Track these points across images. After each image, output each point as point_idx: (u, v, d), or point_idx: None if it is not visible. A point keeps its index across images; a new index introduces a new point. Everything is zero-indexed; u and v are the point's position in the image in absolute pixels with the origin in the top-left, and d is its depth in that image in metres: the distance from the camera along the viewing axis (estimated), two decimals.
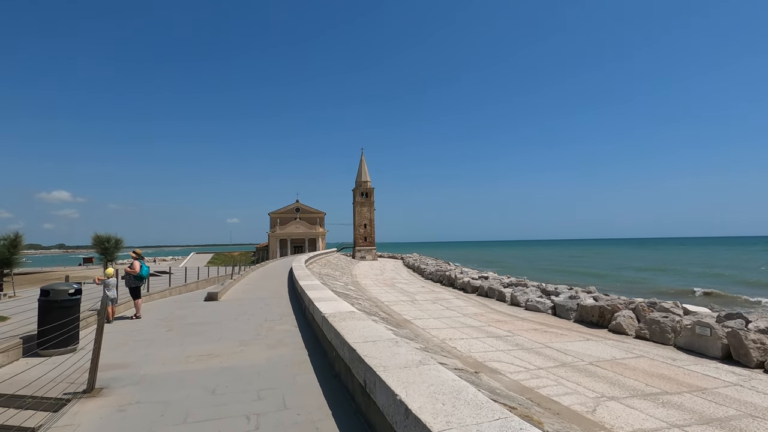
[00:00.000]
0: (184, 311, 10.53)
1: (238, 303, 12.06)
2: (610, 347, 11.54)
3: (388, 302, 20.79)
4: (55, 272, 64.44)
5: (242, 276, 20.73)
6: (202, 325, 8.57)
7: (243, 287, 16.82)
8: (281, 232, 73.46)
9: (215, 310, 10.78)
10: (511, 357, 10.60)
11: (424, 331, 13.85)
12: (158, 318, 9.56)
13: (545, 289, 20.33)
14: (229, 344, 6.60)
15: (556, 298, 17.78)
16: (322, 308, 6.13)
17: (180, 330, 8.07)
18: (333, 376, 4.69)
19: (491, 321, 15.62)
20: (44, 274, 60.37)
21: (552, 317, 16.34)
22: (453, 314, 17.24)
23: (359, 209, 72.02)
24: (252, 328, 8.12)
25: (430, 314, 17.20)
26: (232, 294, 14.39)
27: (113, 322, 8.85)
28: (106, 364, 5.06)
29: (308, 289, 9.15)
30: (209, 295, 12.34)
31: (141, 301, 9.65)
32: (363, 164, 73.39)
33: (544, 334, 13.38)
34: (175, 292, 14.57)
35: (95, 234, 30.51)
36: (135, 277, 9.46)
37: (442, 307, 19.31)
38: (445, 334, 13.23)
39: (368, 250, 70.49)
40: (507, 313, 17.40)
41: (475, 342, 12.17)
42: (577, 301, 16.21)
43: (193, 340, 7.09)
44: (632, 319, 13.44)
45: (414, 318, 16.29)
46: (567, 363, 10.05)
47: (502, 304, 20.02)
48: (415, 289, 27.54)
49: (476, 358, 10.55)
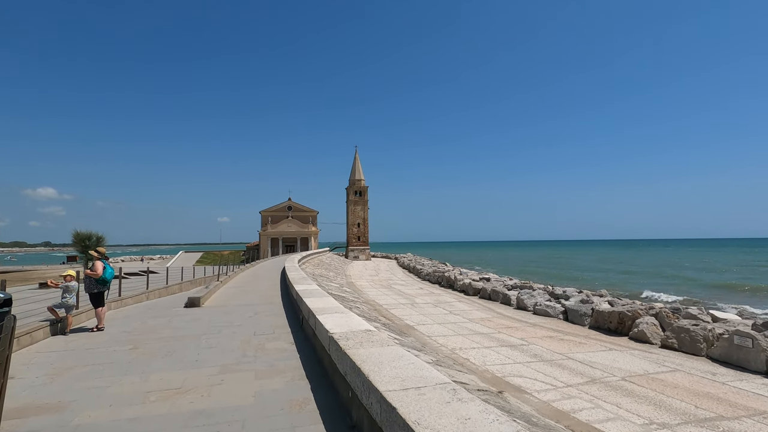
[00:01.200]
0: (158, 321, 9.02)
1: (224, 310, 10.60)
2: (638, 359, 10.43)
3: (387, 305, 19.54)
4: (36, 271, 62.00)
5: (230, 277, 19.15)
6: (176, 341, 7.08)
7: (230, 291, 15.27)
8: (273, 231, 71.74)
9: (195, 319, 9.27)
10: (533, 371, 9.42)
11: (430, 339, 12.62)
12: (124, 331, 7.98)
13: (553, 293, 19.25)
14: (207, 371, 5.19)
15: (567, 303, 16.68)
16: (327, 324, 4.71)
17: (147, 348, 6.57)
18: (350, 427, 3.34)
19: (500, 327, 14.46)
20: (24, 273, 58.00)
21: (564, 323, 15.23)
22: (458, 319, 16.05)
23: (353, 208, 70.62)
24: (238, 345, 6.67)
25: (434, 319, 15.99)
26: (218, 299, 12.87)
27: (68, 335, 7.43)
28: (30, 404, 3.73)
29: (306, 296, 7.78)
30: (190, 300, 10.86)
31: (104, 310, 8.07)
32: (357, 162, 72.00)
33: (560, 342, 12.24)
34: (154, 296, 13.07)
35: (75, 231, 28.86)
36: (97, 281, 7.75)
37: (445, 311, 18.11)
38: (454, 343, 12.02)
39: (362, 250, 69.13)
40: (515, 318, 16.26)
41: (488, 352, 10.97)
42: (591, 306, 15.13)
43: (161, 363, 5.63)
44: (656, 327, 12.37)
45: (417, 324, 15.06)
46: (597, 378, 8.90)
47: (507, 308, 18.90)
48: (413, 290, 26.32)
49: (494, 372, 9.34)
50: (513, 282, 22.94)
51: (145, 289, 13.20)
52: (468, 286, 24.10)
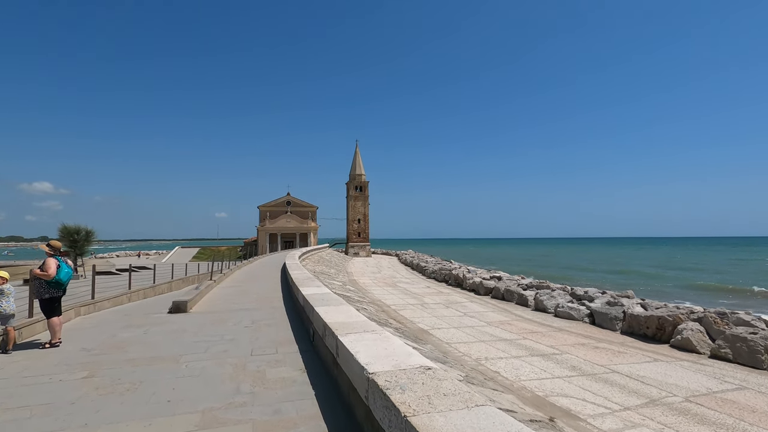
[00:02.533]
0: (132, 333, 7.34)
1: (215, 318, 8.85)
2: (692, 372, 9.12)
3: (394, 306, 18.20)
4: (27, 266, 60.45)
5: (226, 276, 17.53)
6: (147, 366, 5.21)
7: (225, 292, 13.58)
8: (271, 227, 70.30)
9: (179, 330, 7.55)
10: (577, 388, 8.10)
11: (449, 346, 11.29)
12: (84, 348, 6.12)
13: (574, 293, 17.95)
14: (182, 421, 3.50)
15: (592, 305, 15.38)
16: (359, 353, 3.14)
17: (106, 377, 4.76)
18: None
19: (524, 332, 13.15)
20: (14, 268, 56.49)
21: (592, 327, 13.93)
22: (475, 322, 14.73)
23: (353, 203, 69.20)
24: (229, 373, 4.90)
25: (449, 322, 14.65)
26: (209, 302, 11.07)
27: (11, 354, 5.69)
28: None
29: (318, 303, 6.12)
30: (175, 305, 9.15)
31: (60, 321, 6.21)
32: (357, 157, 70.51)
33: (596, 351, 10.94)
34: (138, 297, 11.58)
35: (62, 225, 27.35)
36: (49, 283, 5.92)
37: (459, 312, 16.79)
38: (478, 352, 10.69)
39: (362, 246, 67.79)
40: (537, 321, 14.95)
41: (520, 364, 9.64)
42: (622, 309, 13.83)
43: (118, 406, 3.87)
44: (702, 334, 11.07)
45: (431, 327, 13.73)
46: (656, 399, 7.58)
47: (525, 310, 17.59)
48: (420, 289, 24.99)
49: (532, 389, 8.01)
50: (528, 281, 21.65)
51: (127, 290, 11.61)
52: (479, 285, 22.79)
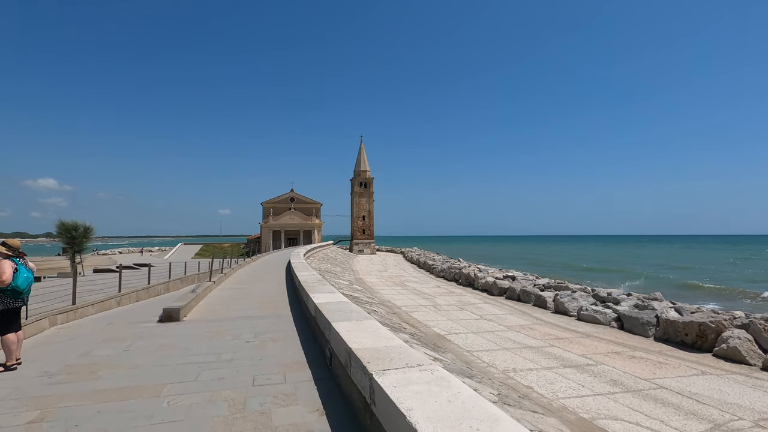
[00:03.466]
0: (111, 349, 6.11)
1: (211, 329, 7.54)
2: (749, 388, 8.08)
3: (405, 308, 17.22)
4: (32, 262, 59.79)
5: (227, 275, 16.38)
6: (118, 401, 3.98)
7: (225, 294, 12.37)
8: (274, 223, 69.46)
9: (166, 346, 6.32)
10: (625, 408, 7.08)
11: (471, 355, 10.30)
12: (46, 371, 4.92)
13: (597, 295, 16.89)
14: None
15: (619, 308, 14.33)
16: (413, 409, 2.16)
17: (57, 425, 3.47)
18: None
19: (549, 338, 12.13)
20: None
21: (621, 333, 12.90)
22: (493, 326, 13.72)
23: (357, 200, 68.21)
24: (223, 415, 3.60)
25: (466, 326, 13.65)
26: (206, 308, 9.79)
27: None
28: None
29: (335, 317, 4.87)
30: (167, 313, 7.95)
31: (19, 337, 5.03)
32: (362, 152, 69.45)
33: (633, 361, 9.91)
34: (128, 301, 10.52)
35: (60, 221, 26.45)
36: (3, 291, 4.91)
37: (475, 315, 15.78)
38: (503, 361, 9.68)
39: (366, 244, 66.85)
40: (560, 326, 13.93)
41: (553, 377, 8.63)
42: (654, 313, 12.78)
43: None
44: (751, 343, 10.03)
45: (448, 332, 12.73)
46: (720, 423, 6.56)
47: (544, 312, 16.57)
48: (430, 289, 23.99)
49: (575, 410, 6.99)
50: (545, 281, 20.60)
51: (118, 293, 10.41)
52: (492, 286, 21.76)
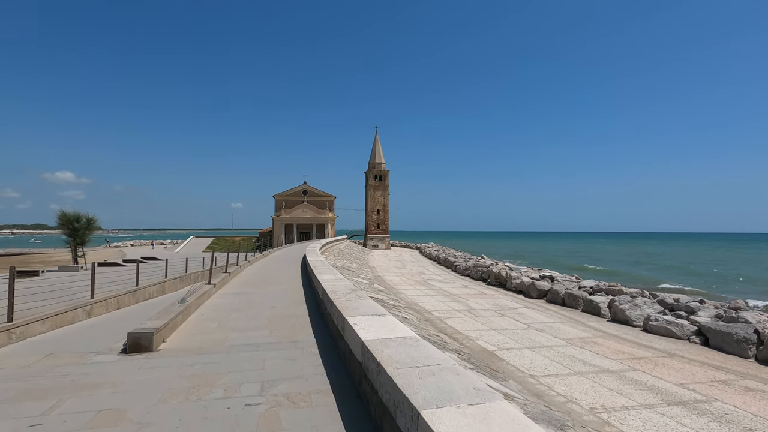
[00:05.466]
0: (11, 421, 3.29)
1: (192, 374, 4.44)
2: None
3: (437, 313, 15.05)
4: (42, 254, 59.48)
5: (232, 275, 13.51)
6: None
7: (225, 303, 9.16)
8: (287, 217, 67.82)
9: (107, 417, 3.35)
10: None
11: (535, 380, 8.11)
12: None
13: (663, 301, 14.45)
14: None
15: (699, 319, 11.95)
16: None
17: None
18: None
19: (625, 357, 9.86)
20: (26, 257, 55.37)
21: (710, 351, 10.56)
22: (549, 339, 11.48)
23: (372, 193, 66.08)
24: None
25: (516, 339, 11.44)
26: (196, 326, 6.72)
27: None
28: None
29: (415, 386, 2.44)
30: (134, 340, 5.14)
31: None
32: (377, 144, 67.18)
33: (752, 396, 7.62)
34: (105, 309, 8.26)
35: (61, 211, 24.88)
36: None
37: (521, 324, 13.54)
38: (585, 395, 7.47)
39: (381, 239, 64.78)
40: (628, 340, 11.64)
41: (665, 423, 6.40)
42: (752, 327, 10.41)
43: None
44: None
45: (497, 347, 10.55)
46: None
47: (600, 321, 14.25)
48: (458, 290, 21.78)
49: None
50: (591, 283, 18.12)
51: (89, 298, 7.90)
52: (529, 287, 19.45)
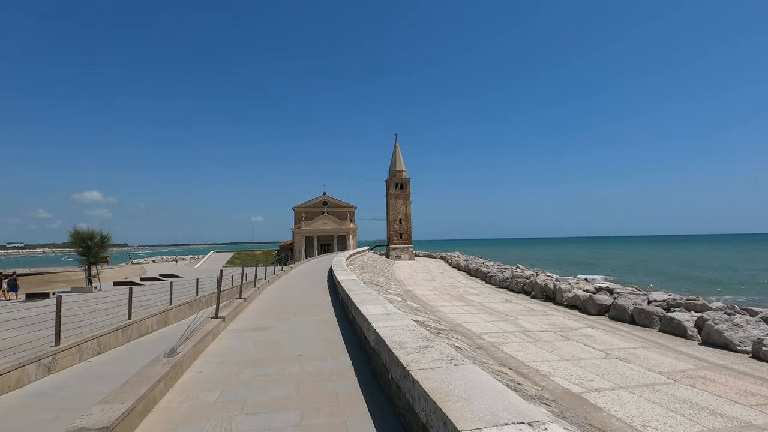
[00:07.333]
0: None
1: None
2: None
3: (488, 336, 12.78)
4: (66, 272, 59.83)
5: (246, 301, 10.14)
6: None
7: (234, 348, 6.05)
8: (307, 229, 66.48)
9: None
10: None
11: None
12: None
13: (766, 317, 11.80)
14: None
15: None
16: None
17: None
18: None
19: (761, 402, 7.42)
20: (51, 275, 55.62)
21: None
22: (642, 374, 9.08)
23: (393, 202, 64.14)
24: None
25: (599, 374, 9.09)
26: (183, 402, 3.80)
27: None
28: None
29: None
30: None
31: None
32: (397, 152, 65.44)
33: None
34: (77, 357, 6.10)
35: (74, 229, 23.78)
36: None
37: (596, 350, 11.15)
38: None
39: (404, 249, 62.56)
40: (746, 373, 9.16)
41: None
42: None
43: None
44: None
45: (582, 387, 8.24)
46: None
47: (689, 344, 11.73)
48: (501, 305, 19.38)
49: None
50: (662, 296, 15.44)
51: (55, 345, 5.87)
52: (586, 302, 16.93)
